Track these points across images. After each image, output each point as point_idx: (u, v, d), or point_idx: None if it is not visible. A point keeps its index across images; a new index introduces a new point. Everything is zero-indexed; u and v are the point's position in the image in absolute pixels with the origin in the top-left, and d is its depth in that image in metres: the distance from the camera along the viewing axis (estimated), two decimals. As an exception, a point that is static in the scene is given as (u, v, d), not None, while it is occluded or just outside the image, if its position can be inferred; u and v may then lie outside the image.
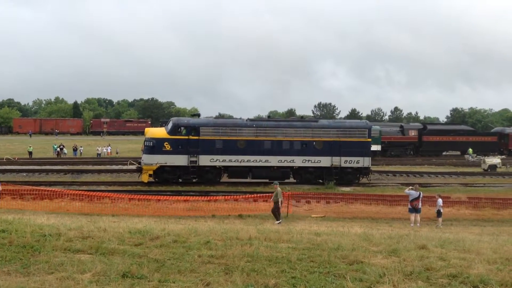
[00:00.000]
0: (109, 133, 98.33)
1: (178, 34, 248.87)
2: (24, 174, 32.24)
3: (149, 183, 28.16)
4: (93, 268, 6.65)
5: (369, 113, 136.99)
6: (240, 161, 28.79)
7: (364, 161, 29.60)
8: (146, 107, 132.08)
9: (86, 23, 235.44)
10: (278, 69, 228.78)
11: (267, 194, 23.55)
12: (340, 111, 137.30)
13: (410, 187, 20.04)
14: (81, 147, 53.69)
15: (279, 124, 30.39)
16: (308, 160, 29.29)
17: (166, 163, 28.07)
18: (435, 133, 56.38)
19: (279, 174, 29.07)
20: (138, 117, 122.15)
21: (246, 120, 30.92)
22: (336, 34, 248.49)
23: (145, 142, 28.92)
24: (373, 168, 39.66)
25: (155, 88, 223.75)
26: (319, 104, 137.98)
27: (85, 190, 23.55)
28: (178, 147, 28.18)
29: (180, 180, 28.36)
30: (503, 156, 49.33)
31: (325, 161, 29.34)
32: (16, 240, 8.23)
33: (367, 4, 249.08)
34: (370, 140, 30.37)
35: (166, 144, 28.10)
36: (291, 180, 30.11)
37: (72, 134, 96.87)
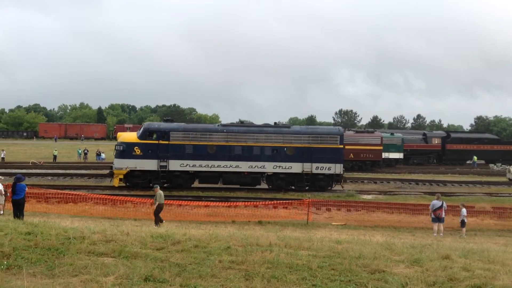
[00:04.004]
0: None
1: (195, 42, 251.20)
2: (49, 178, 32.89)
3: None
4: (116, 271, 6.74)
5: (391, 121, 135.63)
6: (210, 167, 28.69)
7: (336, 168, 29.19)
8: (168, 113, 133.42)
9: (106, 31, 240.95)
10: (295, 76, 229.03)
11: (287, 201, 23.55)
12: (361, 118, 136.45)
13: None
14: (102, 152, 54.49)
15: (250, 129, 30.00)
16: (279, 166, 29.05)
17: (136, 168, 28.17)
18: (459, 142, 55.50)
19: (250, 180, 29.24)
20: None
21: (218, 125, 31.01)
22: (350, 41, 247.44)
23: (116, 146, 29.02)
24: (396, 176, 39.45)
25: (176, 94, 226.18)
26: (340, 111, 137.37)
27: (108, 194, 23.92)
28: (148, 152, 28.23)
29: (151, 184, 27.37)
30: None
31: (296, 167, 29.06)
32: (42, 242, 8.38)
33: (380, 11, 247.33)
34: (342, 146, 29.85)
35: (136, 149, 28.20)
36: (264, 186, 30.08)
37: (96, 139, 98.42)
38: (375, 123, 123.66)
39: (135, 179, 28.44)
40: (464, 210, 18.70)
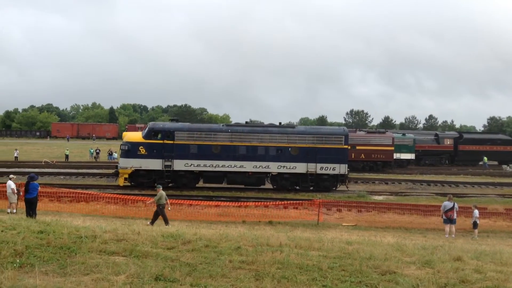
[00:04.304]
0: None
1: (207, 42, 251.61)
2: (62, 177, 33.19)
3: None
4: (127, 270, 6.79)
5: (403, 121, 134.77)
6: (215, 166, 28.70)
7: (341, 168, 29.10)
8: (179, 113, 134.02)
9: (117, 31, 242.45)
10: (306, 76, 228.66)
11: (297, 202, 23.52)
12: (372, 119, 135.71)
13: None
14: (114, 152, 54.84)
15: (254, 129, 29.98)
16: (284, 166, 29.01)
17: (141, 167, 28.30)
18: (471, 142, 54.95)
19: (254, 180, 29.24)
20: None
21: (222, 125, 31.02)
22: (361, 41, 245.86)
23: (121, 146, 29.10)
24: (408, 177, 39.17)
25: (187, 95, 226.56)
26: (351, 111, 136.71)
27: (120, 194, 24.07)
28: (153, 151, 28.35)
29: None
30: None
31: (300, 168, 29.00)
32: (54, 241, 8.46)
33: (392, 11, 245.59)
34: (347, 147, 29.78)
35: (141, 148, 28.33)
36: (269, 186, 30.07)
37: (108, 138, 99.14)
38: (386, 124, 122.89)
39: (140, 178, 28.58)
40: (476, 212, 18.52)
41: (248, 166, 28.82)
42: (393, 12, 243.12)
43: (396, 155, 47.17)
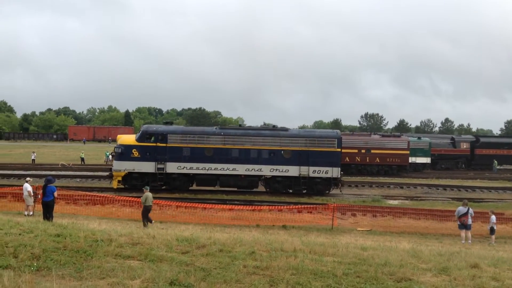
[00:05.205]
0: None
1: (221, 46, 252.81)
2: (78, 180, 33.58)
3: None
4: (143, 274, 6.84)
5: (418, 124, 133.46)
6: (208, 169, 28.77)
7: (333, 172, 28.95)
8: (194, 116, 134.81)
9: (133, 36, 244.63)
10: (319, 80, 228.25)
11: (311, 206, 23.43)
12: (387, 122, 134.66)
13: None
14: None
15: (247, 132, 29.96)
16: (276, 169, 29.01)
17: (134, 170, 28.50)
18: (488, 146, 54.17)
19: (247, 183, 29.28)
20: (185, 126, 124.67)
21: (215, 128, 31.05)
22: (375, 45, 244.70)
23: (115, 148, 29.40)
24: (423, 181, 38.79)
25: (202, 98, 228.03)
26: (366, 114, 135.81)
27: (135, 197, 24.19)
28: (146, 154, 28.53)
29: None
30: None
31: (293, 171, 28.96)
32: (70, 244, 8.57)
33: (406, 14, 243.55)
34: (340, 150, 29.56)
35: (134, 151, 28.53)
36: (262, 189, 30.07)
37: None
38: (401, 127, 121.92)
39: (133, 181, 28.81)
40: (493, 217, 18.23)
41: (241, 169, 28.92)
42: (408, 15, 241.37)
43: (412, 159, 46.76)
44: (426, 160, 48.74)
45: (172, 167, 28.66)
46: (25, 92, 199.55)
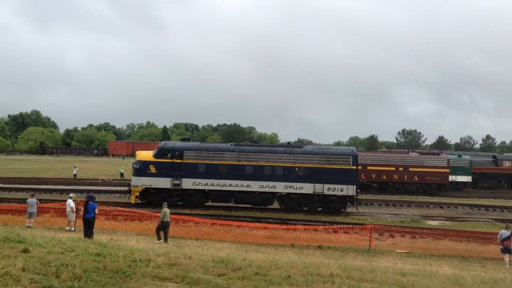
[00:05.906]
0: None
1: (255, 61, 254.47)
2: (117, 195, 34.32)
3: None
4: (180, 298, 6.90)
5: (458, 141, 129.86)
6: (222, 185, 28.77)
7: (348, 189, 28.33)
8: (229, 132, 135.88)
9: (171, 53, 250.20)
10: (354, 95, 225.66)
11: (348, 226, 23.05)
12: (426, 139, 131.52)
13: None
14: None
15: (261, 149, 29.95)
16: (290, 186, 28.66)
17: (151, 185, 28.90)
18: (533, 165, 52.04)
19: (261, 200, 29.07)
20: (220, 142, 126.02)
21: (230, 144, 30.99)
22: (412, 59, 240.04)
23: (133, 164, 29.94)
24: (464, 201, 37.55)
25: (237, 113, 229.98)
26: (403, 130, 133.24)
27: (171, 213, 24.50)
28: (162, 170, 28.90)
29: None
30: None
31: (307, 188, 28.53)
32: (110, 264, 8.74)
33: (444, 26, 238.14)
34: (355, 168, 28.90)
35: (152, 167, 28.98)
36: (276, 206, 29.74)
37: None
38: (440, 144, 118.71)
39: (150, 196, 29.27)
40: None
41: (255, 186, 28.84)
42: (446, 28, 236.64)
43: (452, 178, 45.44)
44: (467, 178, 47.27)
45: (187, 183, 29.04)
46: (67, 108, 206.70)
